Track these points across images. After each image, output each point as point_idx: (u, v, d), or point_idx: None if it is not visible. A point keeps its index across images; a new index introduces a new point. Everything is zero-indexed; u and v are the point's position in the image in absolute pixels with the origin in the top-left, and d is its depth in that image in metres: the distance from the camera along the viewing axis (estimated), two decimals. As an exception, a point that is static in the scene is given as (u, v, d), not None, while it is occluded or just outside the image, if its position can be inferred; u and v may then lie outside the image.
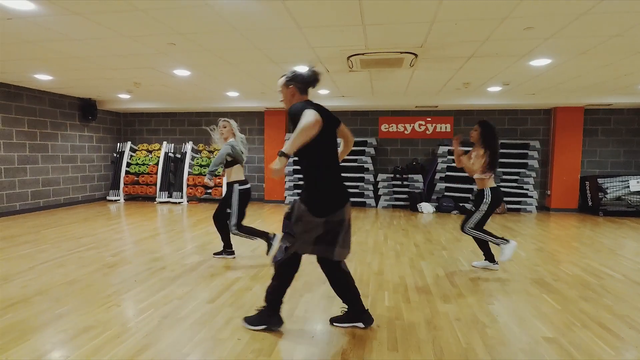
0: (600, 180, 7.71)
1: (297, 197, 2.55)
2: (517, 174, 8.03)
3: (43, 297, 3.05)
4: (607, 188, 7.64)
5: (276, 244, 3.32)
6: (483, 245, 3.94)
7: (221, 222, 4.22)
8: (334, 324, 2.59)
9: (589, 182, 7.90)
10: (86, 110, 8.40)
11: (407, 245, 5.04)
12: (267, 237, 4.10)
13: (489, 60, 4.86)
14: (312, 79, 2.47)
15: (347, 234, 2.43)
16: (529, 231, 6.09)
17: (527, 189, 8.06)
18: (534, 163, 8.00)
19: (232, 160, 4.08)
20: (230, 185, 4.08)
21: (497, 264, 3.97)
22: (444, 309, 2.90)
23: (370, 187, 8.49)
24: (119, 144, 9.48)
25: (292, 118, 2.25)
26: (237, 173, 4.09)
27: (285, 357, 2.21)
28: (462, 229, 3.86)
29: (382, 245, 5.02)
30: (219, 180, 8.79)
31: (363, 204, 8.59)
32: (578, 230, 6.22)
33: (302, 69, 2.52)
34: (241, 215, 4.08)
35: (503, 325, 2.67)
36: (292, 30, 3.84)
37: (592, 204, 7.83)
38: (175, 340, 2.39)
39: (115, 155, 9.43)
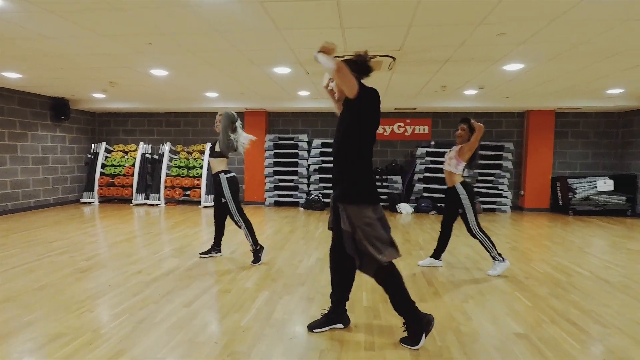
0: (570, 181, 8.02)
1: (336, 211, 2.41)
2: (492, 174, 8.26)
3: (11, 304, 2.94)
4: (576, 188, 7.96)
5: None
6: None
7: (221, 218, 4.25)
8: (313, 330, 2.56)
9: (559, 182, 8.21)
10: (58, 109, 8.12)
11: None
12: (256, 246, 4.11)
13: (465, 64, 4.99)
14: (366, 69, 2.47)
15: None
16: (503, 231, 6.27)
17: (502, 190, 8.30)
18: (508, 164, 8.25)
19: (219, 152, 4.07)
20: (216, 175, 4.10)
21: (441, 262, 4.10)
22: (421, 308, 2.95)
23: (351, 188, 8.54)
24: (93, 144, 9.21)
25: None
26: (221, 164, 4.12)
27: (262, 359, 2.21)
28: (472, 234, 3.82)
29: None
30: (197, 182, 8.66)
31: (343, 205, 8.63)
32: (549, 230, 6.45)
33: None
34: (238, 203, 4.09)
35: (477, 323, 2.74)
36: (272, 31, 3.83)
37: (562, 204, 8.14)
38: (151, 345, 2.34)
39: (89, 156, 9.16)
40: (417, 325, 2.36)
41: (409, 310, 2.37)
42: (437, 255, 4.09)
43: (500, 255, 3.85)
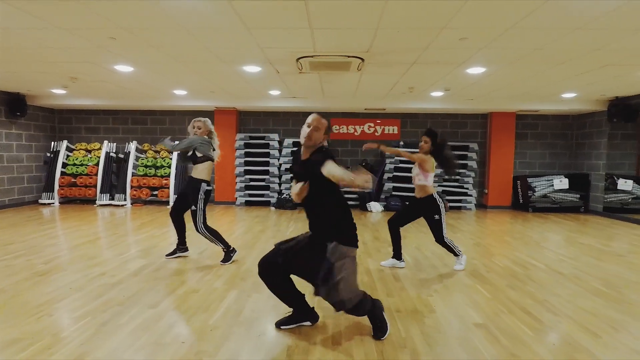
0: (529, 180, 8.44)
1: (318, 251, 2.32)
2: (458, 174, 8.56)
3: (-39, 310, 2.78)
4: (535, 187, 8.39)
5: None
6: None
7: (180, 218, 4.14)
8: (281, 327, 2.59)
9: (520, 181, 8.62)
10: (13, 105, 7.70)
11: (355, 243, 5.19)
12: (227, 247, 4.09)
13: (431, 67, 5.16)
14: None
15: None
16: (468, 227, 6.52)
17: (467, 188, 8.62)
18: (473, 164, 8.58)
19: (204, 156, 4.00)
20: (197, 182, 3.98)
21: (403, 262, 4.12)
22: (387, 303, 3.05)
23: (322, 187, 8.60)
24: (53, 142, 8.78)
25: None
26: (206, 171, 4.04)
27: (230, 357, 2.21)
28: (441, 241, 3.89)
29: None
30: (165, 182, 8.46)
31: (315, 204, 8.68)
32: (510, 226, 6.78)
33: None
34: (205, 215, 4.02)
35: (440, 315, 2.86)
36: (240, 30, 3.82)
37: (522, 201, 8.56)
38: (115, 347, 2.29)
39: (48, 155, 8.73)
40: (378, 316, 2.50)
41: (369, 311, 2.47)
42: (398, 256, 4.10)
43: (459, 250, 4.01)
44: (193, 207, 3.99)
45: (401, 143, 8.61)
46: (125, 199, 8.42)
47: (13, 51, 4.64)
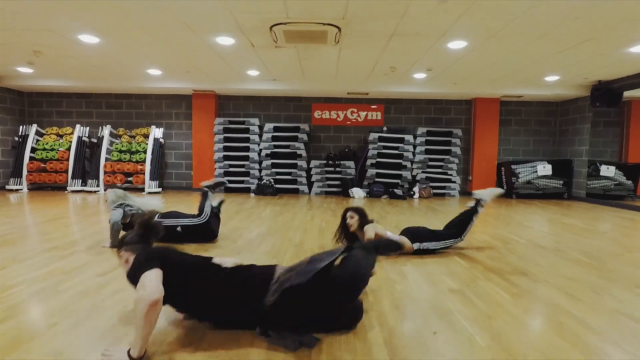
0: (513, 166, 8.36)
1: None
2: (442, 160, 8.43)
3: None
4: (519, 173, 8.31)
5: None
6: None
7: None
8: None
9: (504, 167, 8.54)
10: (-22, 85, 7.29)
11: (333, 223, 4.98)
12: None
13: (411, 40, 4.98)
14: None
15: None
16: (452, 211, 6.38)
17: (451, 175, 8.50)
18: (457, 150, 8.46)
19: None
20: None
21: None
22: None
23: (304, 173, 8.40)
24: (22, 126, 8.37)
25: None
26: None
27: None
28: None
29: (308, 223, 4.92)
30: (140, 167, 8.13)
31: (296, 191, 8.47)
32: (494, 210, 6.65)
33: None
34: None
35: (412, 282, 2.67)
36: (206, -13, 3.57)
37: (506, 188, 8.47)
38: (45, 311, 2.04)
39: (17, 139, 8.32)
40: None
41: None
42: None
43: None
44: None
45: (384, 129, 8.44)
46: (98, 185, 8.07)
47: (-37, 14, 4.31)
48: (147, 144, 8.27)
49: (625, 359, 1.69)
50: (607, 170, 8.20)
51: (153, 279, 1.59)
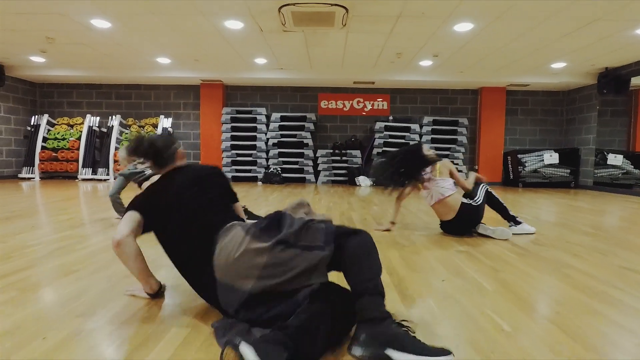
0: (520, 155, 8.35)
1: None
2: (448, 149, 8.45)
3: None
4: (525, 162, 8.31)
5: None
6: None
7: None
8: None
9: (510, 156, 8.54)
10: (-9, 75, 7.45)
11: (340, 203, 5.05)
12: None
13: (417, 22, 5.02)
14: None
15: None
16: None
17: (457, 164, 8.51)
18: (463, 139, 8.47)
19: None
20: None
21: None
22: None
23: (310, 162, 8.47)
24: (34, 116, 8.53)
25: None
26: None
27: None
28: None
29: (316, 204, 4.99)
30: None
31: (303, 180, 8.54)
32: (501, 195, 6.65)
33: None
34: None
35: (420, 245, 2.72)
36: (217, -35, 3.65)
37: (513, 177, 8.47)
38: (66, 263, 2.12)
39: (29, 128, 8.47)
40: None
41: None
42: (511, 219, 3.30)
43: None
44: None
45: (390, 118, 8.49)
46: (107, 174, 8.20)
47: (-19, -3, 4.43)
48: (156, 133, 8.38)
49: (627, 299, 1.73)
50: (615, 159, 8.16)
51: (123, 219, 1.52)
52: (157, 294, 1.62)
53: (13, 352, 1.17)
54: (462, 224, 3.06)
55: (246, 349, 1.03)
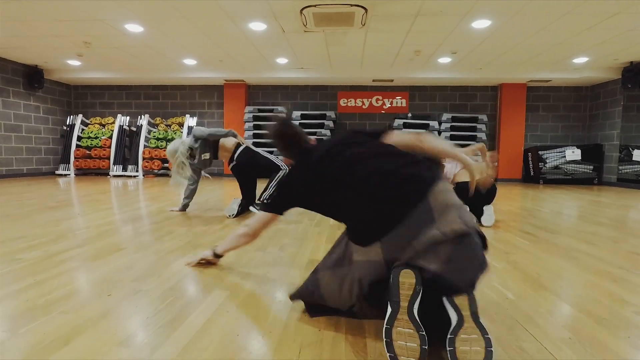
0: (540, 152, 8.30)
1: None
2: (467, 146, 8.46)
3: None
4: (546, 158, 8.24)
5: None
6: None
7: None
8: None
9: (530, 153, 8.48)
10: (31, 78, 7.96)
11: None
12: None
13: (435, 20, 5.13)
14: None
15: None
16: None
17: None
18: (482, 135, 8.47)
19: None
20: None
21: None
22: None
23: (330, 159, 8.64)
24: (69, 117, 9.06)
25: None
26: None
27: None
28: None
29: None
30: (176, 153, 8.61)
31: (322, 177, 8.72)
32: (519, 191, 6.68)
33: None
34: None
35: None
36: (243, -29, 3.88)
37: (533, 174, 8.42)
38: (113, 242, 2.38)
39: (65, 128, 9.01)
40: None
41: None
42: None
43: None
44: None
45: (409, 115, 8.57)
46: (137, 170, 8.62)
47: (26, 10, 4.81)
48: (182, 132, 8.76)
49: (630, 277, 1.84)
50: (641, 155, 8.01)
51: (260, 220, 1.68)
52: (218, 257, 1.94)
53: (85, 305, 1.41)
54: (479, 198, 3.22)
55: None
